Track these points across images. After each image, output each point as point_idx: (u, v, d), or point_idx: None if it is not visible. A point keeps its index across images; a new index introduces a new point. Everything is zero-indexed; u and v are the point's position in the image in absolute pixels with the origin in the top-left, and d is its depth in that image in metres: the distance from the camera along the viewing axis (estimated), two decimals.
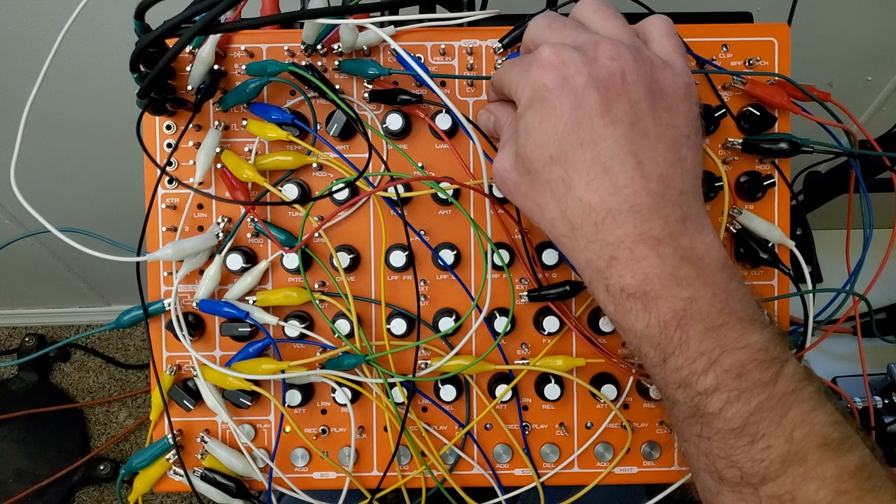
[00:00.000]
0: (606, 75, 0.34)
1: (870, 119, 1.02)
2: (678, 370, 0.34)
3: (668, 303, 0.34)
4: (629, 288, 0.34)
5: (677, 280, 0.34)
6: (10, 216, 1.16)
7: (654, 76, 0.35)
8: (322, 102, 0.48)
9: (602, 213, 0.34)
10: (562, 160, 0.35)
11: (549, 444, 0.50)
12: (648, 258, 0.34)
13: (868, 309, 0.51)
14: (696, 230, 0.35)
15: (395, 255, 0.47)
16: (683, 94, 0.36)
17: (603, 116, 0.34)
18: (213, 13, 0.35)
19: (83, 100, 0.94)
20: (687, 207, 0.35)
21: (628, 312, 0.35)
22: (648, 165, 0.34)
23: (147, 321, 0.48)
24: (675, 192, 0.35)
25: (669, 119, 0.35)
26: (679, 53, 0.37)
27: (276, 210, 0.49)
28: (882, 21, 0.87)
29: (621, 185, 0.34)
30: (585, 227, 0.35)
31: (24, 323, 1.62)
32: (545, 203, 0.37)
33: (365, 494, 0.50)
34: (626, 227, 0.34)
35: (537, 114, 0.35)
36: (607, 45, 0.35)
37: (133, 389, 1.58)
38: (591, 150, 0.34)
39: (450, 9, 0.53)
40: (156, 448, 0.49)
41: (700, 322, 0.33)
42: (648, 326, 0.34)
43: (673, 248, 0.34)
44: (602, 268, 0.35)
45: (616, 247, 0.34)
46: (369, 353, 0.48)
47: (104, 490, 1.51)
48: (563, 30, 0.37)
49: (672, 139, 0.35)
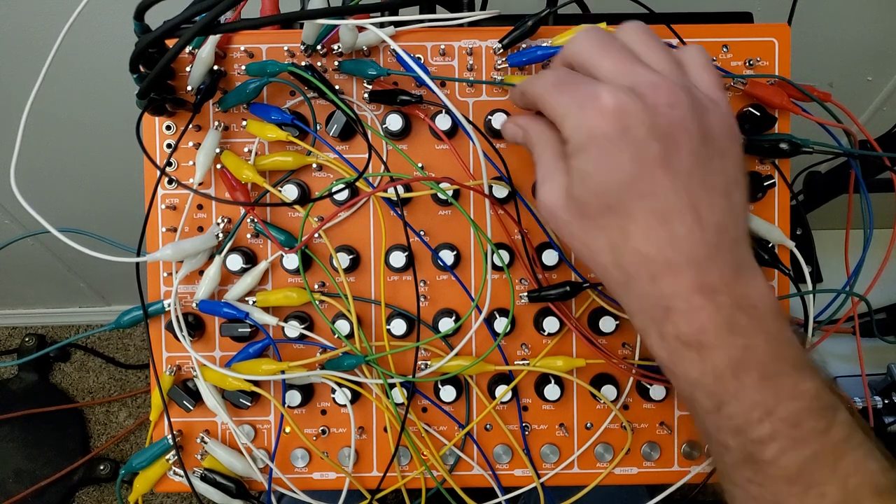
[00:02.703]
0: (667, 124, 0.33)
1: (870, 119, 1.02)
2: (732, 418, 0.34)
3: (724, 351, 0.33)
4: (684, 336, 0.34)
5: (732, 329, 0.33)
6: (10, 216, 1.16)
7: (706, 120, 0.35)
8: (322, 103, 0.48)
9: (660, 264, 0.34)
10: (620, 210, 0.34)
11: (549, 444, 0.50)
12: (705, 308, 0.33)
13: (868, 309, 0.50)
14: (750, 277, 0.35)
15: (394, 255, 0.47)
16: (733, 136, 0.36)
17: (663, 168, 0.34)
18: (213, 14, 0.35)
19: (83, 100, 0.94)
20: (740, 255, 0.35)
21: (682, 360, 0.34)
22: (706, 217, 0.34)
23: (147, 321, 0.48)
24: (729, 240, 0.35)
25: (721, 165, 0.35)
26: (720, 88, 0.37)
27: (275, 210, 0.49)
28: (882, 21, 0.87)
29: (680, 237, 0.34)
30: (641, 277, 0.35)
31: (24, 323, 1.62)
32: (598, 249, 0.36)
33: (365, 495, 0.50)
34: (684, 278, 0.34)
35: (593, 160, 0.34)
36: (665, 91, 0.34)
37: (133, 389, 1.58)
38: (651, 202, 0.34)
39: (450, 9, 0.53)
40: (156, 448, 0.49)
41: (755, 370, 0.33)
42: (703, 374, 0.34)
43: (728, 296, 0.34)
44: (658, 317, 0.35)
45: (673, 297, 0.34)
46: (369, 353, 0.48)
47: (104, 490, 1.51)
48: (617, 58, 0.36)
49: (725, 186, 0.35)
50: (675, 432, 0.50)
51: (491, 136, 0.48)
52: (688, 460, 0.50)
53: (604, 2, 0.54)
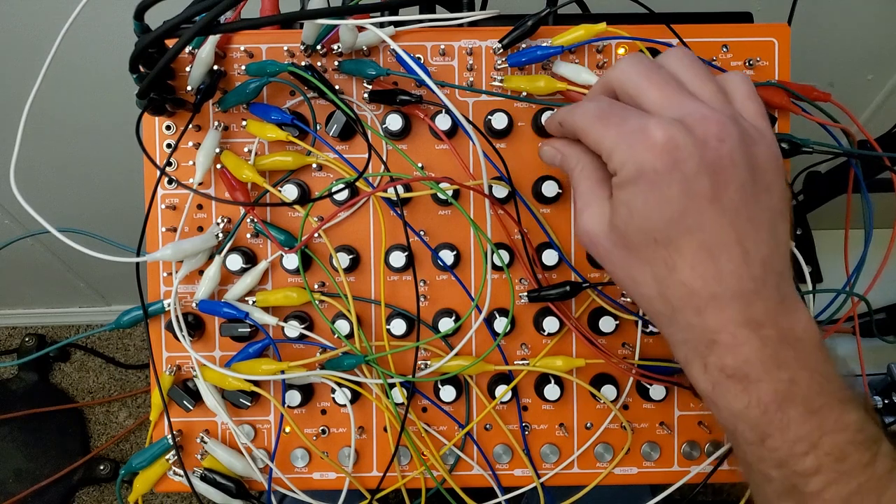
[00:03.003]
0: (716, 158, 0.33)
1: (870, 119, 1.02)
2: (777, 450, 0.34)
3: (769, 385, 0.33)
4: (729, 369, 0.34)
5: (777, 362, 0.34)
6: (10, 216, 1.16)
7: (753, 152, 0.35)
8: (322, 103, 0.48)
9: (705, 298, 0.34)
10: (666, 244, 0.35)
11: (549, 444, 0.50)
12: (750, 342, 0.34)
13: (868, 309, 0.50)
14: (794, 310, 0.35)
15: (394, 255, 0.47)
16: (777, 168, 0.36)
17: (712, 203, 0.34)
18: (213, 13, 0.35)
19: (83, 100, 0.94)
20: (784, 288, 0.35)
21: (727, 392, 0.34)
22: (752, 252, 0.34)
23: (147, 321, 0.48)
24: (775, 275, 0.35)
25: (768, 200, 0.35)
26: (764, 117, 0.37)
27: (275, 210, 0.49)
28: (882, 21, 0.87)
29: (726, 272, 0.34)
30: (686, 310, 0.35)
31: (24, 323, 1.62)
32: (643, 281, 0.36)
33: (365, 495, 0.50)
34: (730, 312, 0.34)
35: (642, 194, 0.34)
36: (715, 124, 0.34)
37: (133, 389, 1.58)
38: (699, 236, 0.34)
39: (450, 9, 0.53)
40: (156, 448, 0.49)
41: (801, 404, 0.33)
42: (748, 407, 0.34)
43: (774, 330, 0.34)
44: (702, 350, 0.35)
45: (718, 331, 0.34)
46: (369, 353, 0.48)
47: (104, 490, 1.51)
48: (664, 88, 0.36)
49: (770, 220, 0.35)
50: (675, 432, 0.50)
51: (491, 135, 0.48)
52: (688, 460, 0.50)
53: (604, 2, 0.54)
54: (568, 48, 0.47)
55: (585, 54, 0.48)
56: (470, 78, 0.48)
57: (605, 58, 0.48)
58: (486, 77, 0.48)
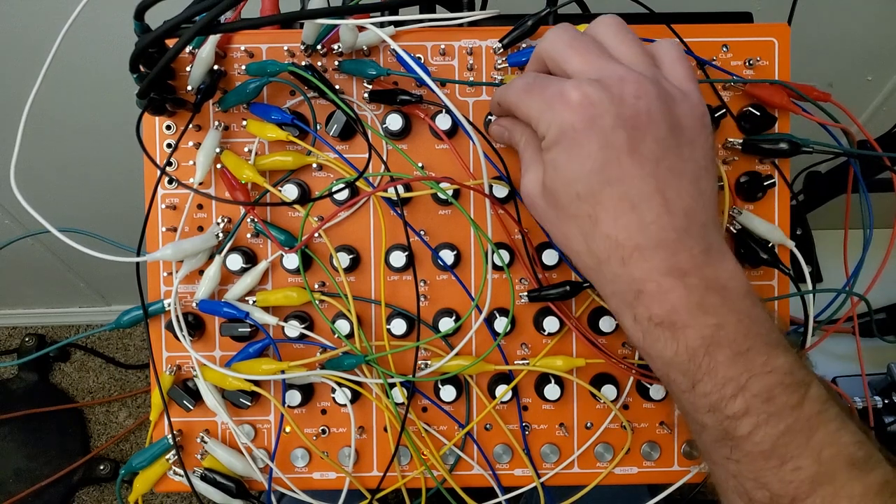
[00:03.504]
0: (633, 114, 0.35)
1: (870, 119, 1.02)
2: (707, 395, 0.35)
3: (696, 331, 0.34)
4: (657, 318, 0.35)
5: (703, 309, 0.34)
6: (10, 216, 1.16)
7: (674, 111, 0.36)
8: (322, 103, 0.48)
9: (629, 248, 0.35)
10: (589, 198, 0.36)
11: (549, 444, 0.50)
12: (675, 290, 0.35)
13: (868, 309, 0.50)
14: (719, 260, 0.36)
15: (395, 255, 0.47)
16: (701, 125, 0.37)
17: (630, 155, 0.35)
18: (213, 13, 0.35)
19: (83, 100, 0.94)
20: (709, 238, 0.36)
21: (656, 341, 0.35)
22: (674, 202, 0.35)
23: (147, 321, 0.48)
24: (698, 225, 0.36)
25: (690, 153, 0.36)
26: (691, 80, 0.38)
27: (275, 210, 0.49)
28: (882, 21, 0.87)
29: (648, 221, 0.35)
30: (612, 261, 0.36)
31: (24, 323, 1.62)
32: (571, 236, 0.38)
33: (365, 495, 0.50)
34: (654, 261, 0.35)
35: (564, 152, 0.36)
36: (632, 83, 0.35)
37: (133, 389, 1.58)
38: (619, 188, 0.35)
39: (450, 9, 0.53)
40: (156, 448, 0.49)
41: (727, 347, 0.34)
42: (677, 354, 0.35)
43: (698, 278, 0.35)
44: (630, 300, 0.36)
45: (643, 281, 0.35)
46: (369, 353, 0.48)
47: (104, 490, 1.51)
48: (586, 54, 0.37)
49: (693, 172, 0.36)
50: (675, 432, 0.50)
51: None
52: (688, 460, 0.50)
53: (604, 2, 0.54)
54: None
55: None
56: (470, 78, 0.48)
57: None
58: (486, 77, 0.48)
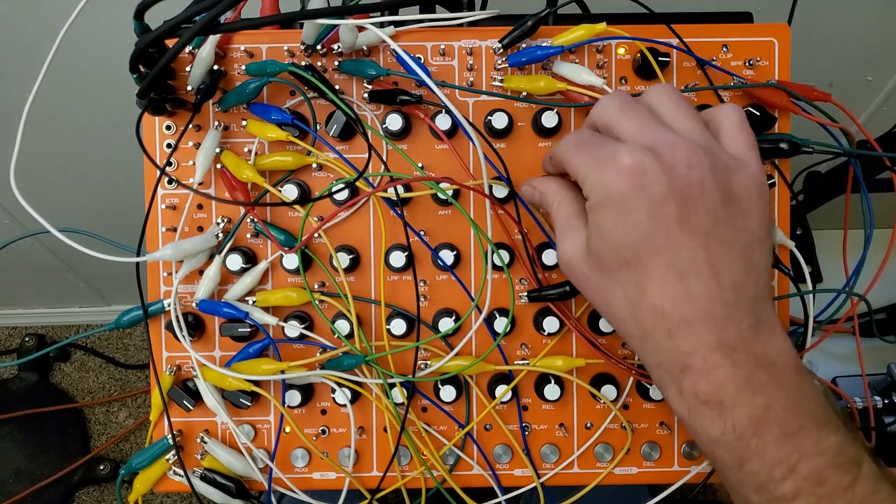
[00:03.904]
0: (685, 185, 0.34)
1: (870, 119, 1.02)
2: (755, 474, 0.34)
3: (744, 410, 0.33)
4: (703, 395, 0.34)
5: (751, 386, 0.34)
6: (10, 216, 1.16)
7: (728, 180, 0.35)
8: (322, 103, 0.48)
9: (676, 321, 0.34)
10: (636, 265, 0.35)
11: (549, 444, 0.50)
12: (723, 366, 0.34)
13: (868, 309, 0.50)
14: (769, 334, 0.35)
15: (394, 255, 0.47)
16: (757, 196, 0.36)
17: (680, 226, 0.34)
18: (213, 13, 0.35)
19: (83, 100, 0.94)
20: (759, 313, 0.35)
21: (702, 418, 0.35)
22: (723, 275, 0.34)
23: (147, 321, 0.48)
24: (748, 299, 0.35)
25: (744, 224, 0.35)
26: (752, 148, 0.37)
27: (275, 210, 0.49)
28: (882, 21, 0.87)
29: (696, 294, 0.34)
30: (658, 332, 0.35)
31: (24, 323, 1.62)
32: (616, 303, 0.37)
33: (365, 495, 0.50)
34: (701, 336, 0.34)
35: (611, 217, 0.35)
36: (684, 151, 0.34)
37: (133, 389, 1.58)
38: (667, 257, 0.34)
39: (450, 9, 0.54)
40: (155, 448, 0.49)
41: (776, 427, 0.33)
42: (724, 433, 0.34)
43: (746, 354, 0.34)
44: (676, 373, 0.35)
45: (690, 355, 0.34)
46: (369, 353, 0.48)
47: (104, 490, 1.51)
48: (638, 119, 0.37)
49: (745, 245, 0.35)
50: (675, 432, 0.50)
51: (491, 136, 0.48)
52: (688, 460, 0.50)
53: (604, 2, 0.54)
54: (568, 48, 0.47)
55: (585, 54, 0.48)
56: (470, 78, 0.48)
57: (606, 58, 0.48)
58: (486, 77, 0.48)
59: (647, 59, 0.46)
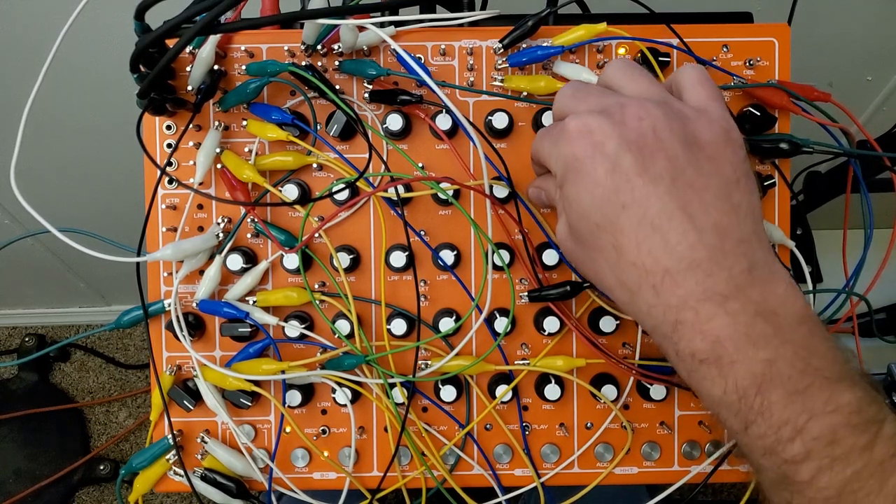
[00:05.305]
0: (637, 135, 0.33)
1: (870, 119, 1.02)
2: (762, 437, 0.32)
3: (745, 366, 0.31)
4: (700, 353, 0.32)
5: (752, 340, 0.31)
6: (10, 216, 1.16)
7: (687, 128, 0.34)
8: (322, 103, 0.48)
9: (659, 274, 0.33)
10: (607, 226, 0.34)
11: (550, 444, 0.50)
12: (717, 317, 0.32)
13: (868, 309, 0.51)
14: (766, 280, 0.33)
15: (395, 255, 0.47)
16: (723, 140, 0.35)
17: (641, 176, 0.33)
18: (213, 13, 0.35)
19: (83, 100, 0.94)
20: (752, 256, 0.33)
21: (703, 379, 0.33)
22: (698, 218, 0.33)
23: (147, 321, 0.48)
24: (733, 241, 0.33)
25: (712, 168, 0.34)
26: (714, 99, 0.36)
27: (276, 210, 0.49)
28: (882, 21, 0.87)
29: (674, 242, 0.32)
30: (644, 291, 0.33)
31: (24, 323, 1.62)
32: (601, 271, 0.36)
33: (365, 495, 0.50)
34: (687, 285, 0.32)
35: (573, 185, 0.35)
36: (633, 106, 0.34)
37: (133, 389, 1.58)
38: (636, 211, 0.33)
39: (450, 9, 0.54)
40: (156, 448, 0.49)
41: (781, 386, 0.31)
42: (726, 393, 0.32)
43: (742, 303, 0.32)
44: (668, 332, 0.33)
45: (680, 309, 0.32)
46: (369, 353, 0.48)
47: (104, 490, 1.51)
48: (588, 97, 0.37)
49: (719, 187, 0.34)
50: (675, 432, 0.50)
51: (491, 136, 0.48)
52: (688, 460, 0.50)
53: (604, 2, 0.54)
54: (568, 48, 0.47)
55: (586, 54, 0.48)
56: (470, 78, 0.48)
57: (606, 58, 0.48)
58: (486, 77, 0.48)
59: (648, 60, 0.46)
